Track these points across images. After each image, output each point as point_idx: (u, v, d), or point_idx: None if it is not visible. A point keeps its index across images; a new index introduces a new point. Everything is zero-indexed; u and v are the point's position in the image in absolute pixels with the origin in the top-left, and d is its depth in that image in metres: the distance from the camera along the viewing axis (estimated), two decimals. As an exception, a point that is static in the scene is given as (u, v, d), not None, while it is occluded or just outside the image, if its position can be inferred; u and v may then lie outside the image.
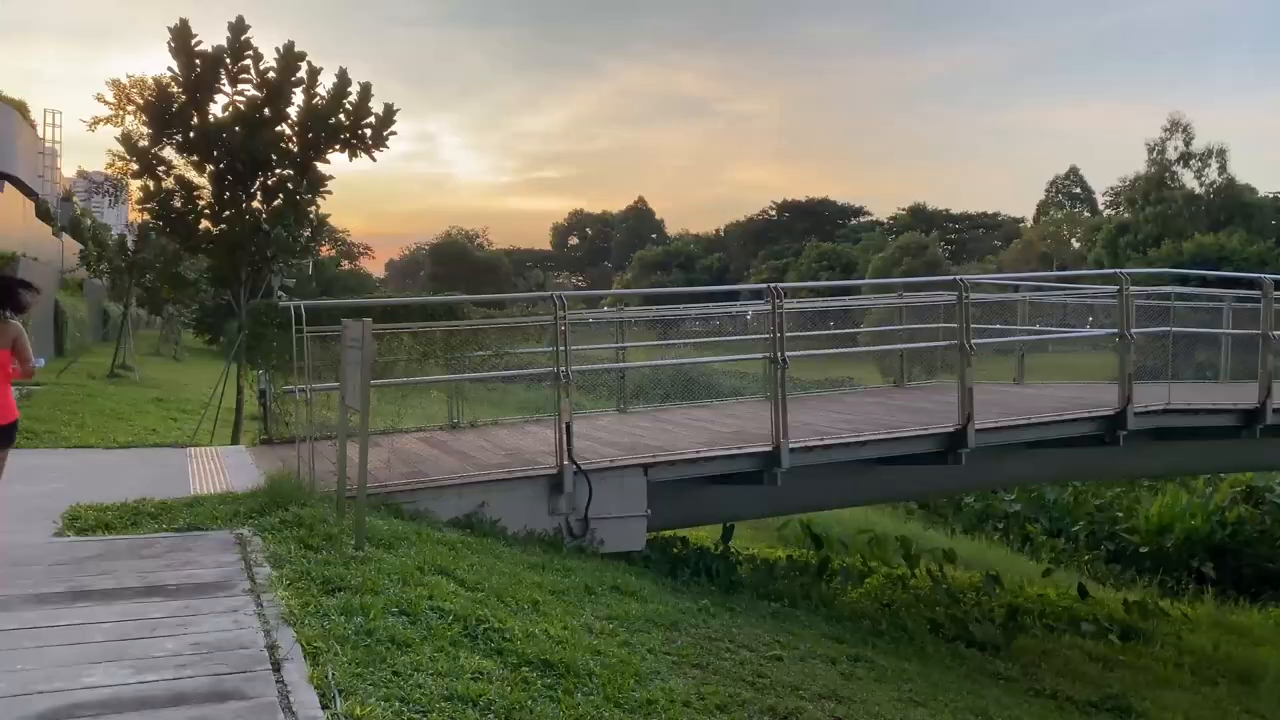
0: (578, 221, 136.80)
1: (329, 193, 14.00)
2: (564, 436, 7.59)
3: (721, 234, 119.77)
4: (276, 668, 3.78)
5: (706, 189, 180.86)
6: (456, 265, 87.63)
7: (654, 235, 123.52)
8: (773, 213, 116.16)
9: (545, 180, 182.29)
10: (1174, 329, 12.53)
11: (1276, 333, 11.97)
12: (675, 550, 9.12)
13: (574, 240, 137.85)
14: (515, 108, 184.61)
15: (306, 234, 14.25)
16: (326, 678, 3.63)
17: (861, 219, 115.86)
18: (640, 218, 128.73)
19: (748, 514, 11.16)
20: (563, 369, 7.70)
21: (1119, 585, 15.84)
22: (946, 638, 8.94)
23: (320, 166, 13.76)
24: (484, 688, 3.84)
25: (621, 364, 12.01)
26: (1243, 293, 14.15)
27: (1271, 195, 74.22)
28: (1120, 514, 19.60)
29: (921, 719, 4.90)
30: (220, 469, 8.62)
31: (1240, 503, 19.25)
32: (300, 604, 4.45)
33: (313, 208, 13.96)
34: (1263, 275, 12.97)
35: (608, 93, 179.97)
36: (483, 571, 5.68)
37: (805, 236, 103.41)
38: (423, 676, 3.83)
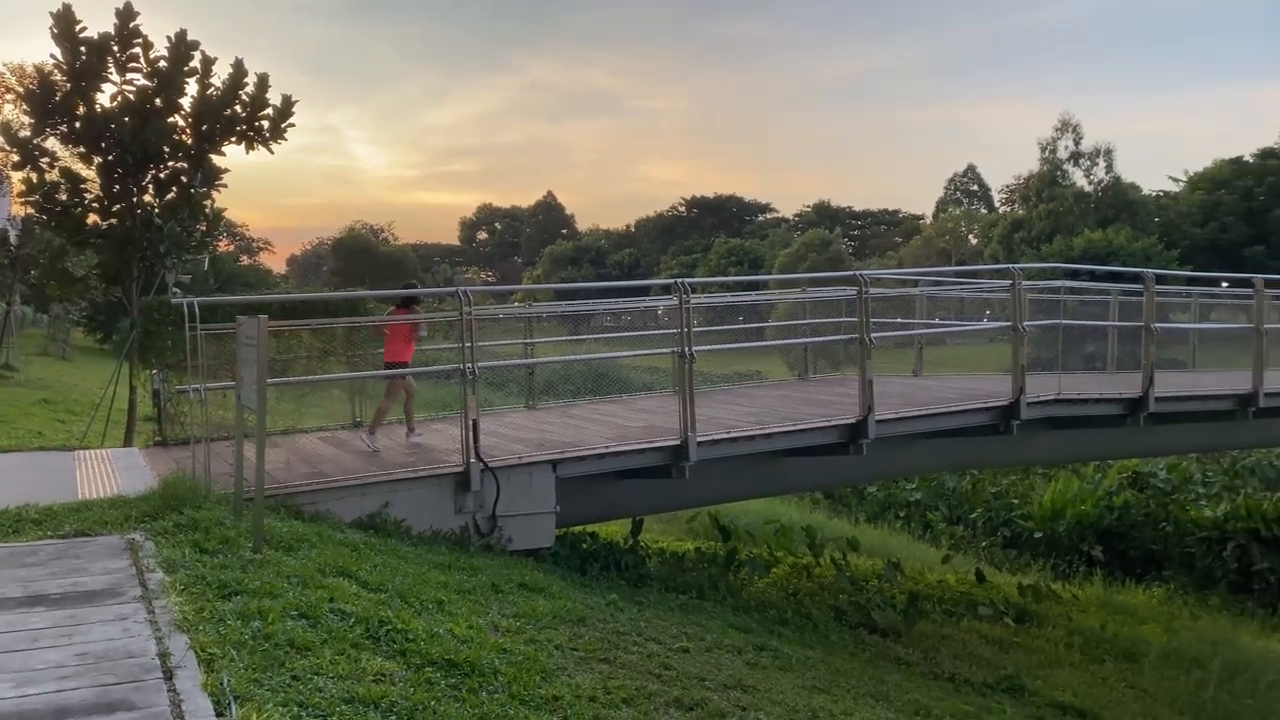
0: (486, 216, 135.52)
1: (225, 186, 13.61)
2: (470, 434, 7.52)
3: (632, 229, 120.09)
4: (168, 676, 3.66)
5: (617, 184, 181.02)
6: (361, 260, 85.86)
7: (564, 230, 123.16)
8: (682, 209, 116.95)
9: (453, 174, 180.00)
10: (1064, 322, 13.02)
11: (1158, 325, 12.54)
12: (585, 546, 9.12)
13: (483, 235, 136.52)
14: (421, 101, 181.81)
15: (201, 228, 13.81)
16: (221, 684, 3.53)
17: (768, 215, 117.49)
18: (550, 212, 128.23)
19: (657, 508, 11.22)
20: (469, 365, 7.62)
21: (1014, 569, 16.41)
22: (850, 625, 9.14)
23: (215, 159, 13.35)
24: (386, 689, 3.78)
25: (530, 360, 11.94)
26: (1128, 287, 14.76)
27: (1155, 193, 77.73)
28: (1016, 501, 20.31)
29: (824, 705, 5.00)
30: (111, 472, 8.30)
31: (1127, 488, 20.17)
32: (195, 609, 4.32)
33: (208, 201, 13.53)
34: (1145, 270, 13.57)
35: (516, 87, 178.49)
36: (386, 572, 5.60)
37: (714, 232, 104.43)
38: (323, 680, 3.75)
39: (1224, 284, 25.46)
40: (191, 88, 13.00)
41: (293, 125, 13.48)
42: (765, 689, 5.06)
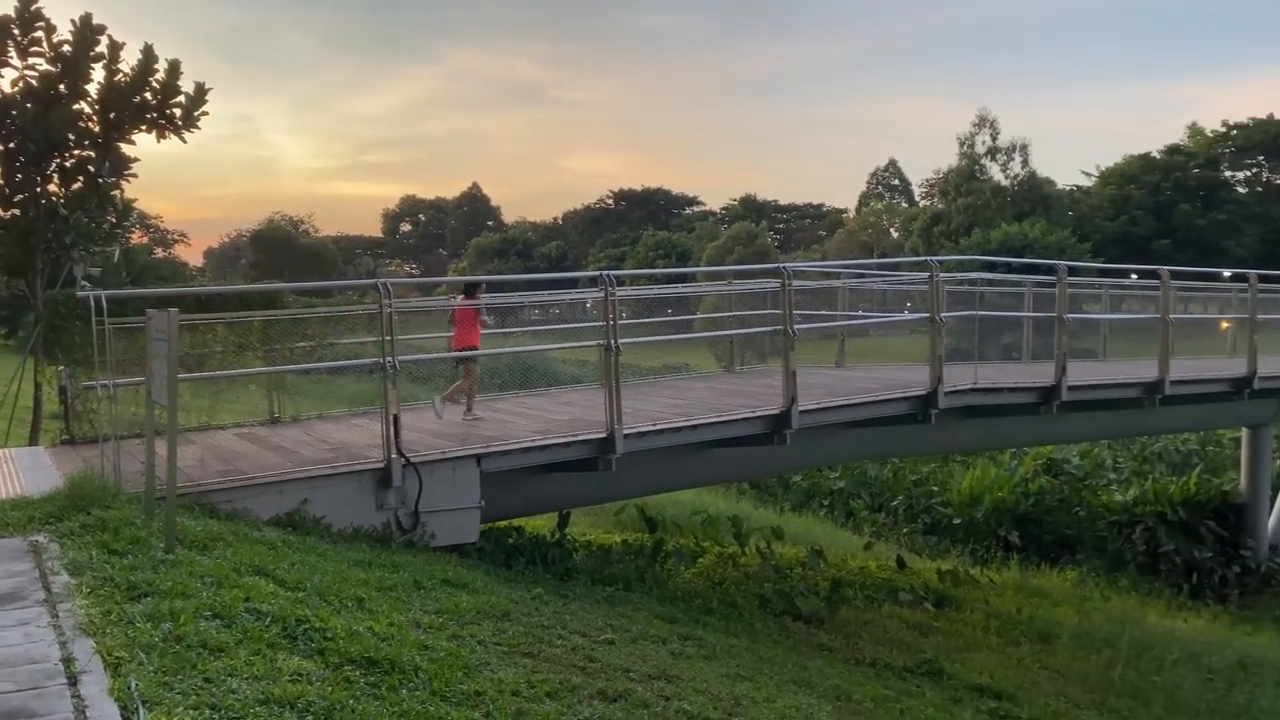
0: (410, 208, 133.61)
1: (135, 176, 13.15)
2: (391, 429, 7.41)
3: (560, 221, 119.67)
4: (73, 682, 3.54)
5: (543, 176, 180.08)
6: (280, 253, 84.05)
7: (490, 222, 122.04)
8: (610, 201, 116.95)
9: (375, 165, 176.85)
10: (980, 313, 13.34)
11: (1070, 316, 12.93)
12: (511, 540, 9.06)
13: (406, 227, 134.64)
14: (342, 89, 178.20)
15: (111, 220, 13.34)
16: (129, 689, 3.42)
17: (696, 209, 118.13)
18: (475, 204, 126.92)
19: (584, 501, 11.21)
20: (389, 359, 7.50)
21: (934, 555, 16.79)
22: (774, 612, 9.25)
23: (125, 148, 12.89)
24: (303, 689, 3.71)
25: (454, 353, 11.79)
26: (1042, 279, 15.17)
27: (1069, 188, 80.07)
28: (935, 488, 20.78)
29: (747, 693, 5.05)
30: (14, 472, 7.98)
31: (1041, 474, 20.77)
32: (102, 613, 4.18)
33: (116, 191, 13.08)
34: (1058, 262, 13.97)
35: (440, 76, 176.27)
36: (305, 570, 5.49)
37: (642, 225, 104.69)
38: (237, 681, 3.66)
39: (1133, 276, 26.29)
40: (98, 74, 12.53)
41: (206, 114, 13.09)
42: (689, 678, 5.08)
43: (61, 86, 12.35)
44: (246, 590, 4.74)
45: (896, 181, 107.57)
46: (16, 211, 12.50)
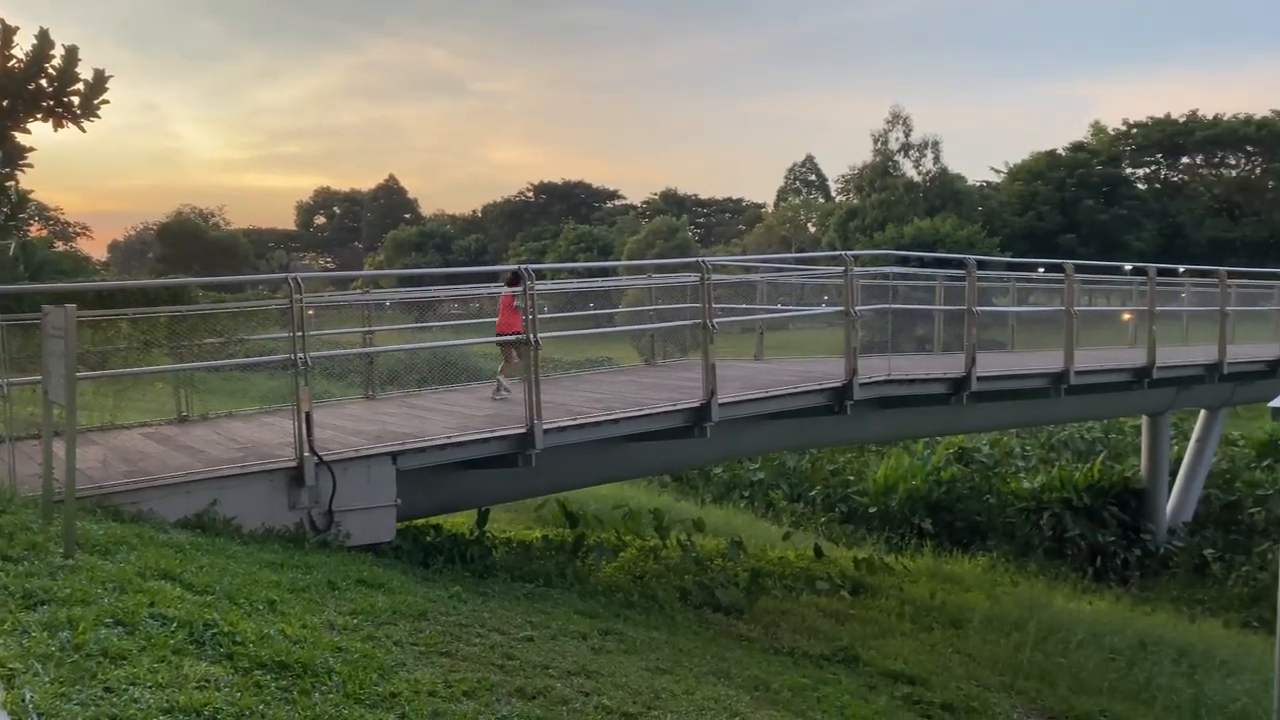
0: (324, 200, 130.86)
1: (30, 166, 12.65)
2: (303, 426, 7.25)
3: (479, 214, 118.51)
4: (-38, 696, 3.38)
5: (462, 168, 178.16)
6: (189, 246, 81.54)
7: (407, 215, 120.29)
8: (530, 194, 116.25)
9: (288, 156, 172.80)
10: (893, 306, 13.61)
11: (980, 308, 13.27)
12: (428, 539, 8.95)
13: (321, 219, 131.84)
14: (252, 79, 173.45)
15: (4, 211, 12.80)
16: (23, 701, 3.28)
17: (617, 202, 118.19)
18: (392, 196, 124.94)
19: (504, 497, 11.14)
20: (300, 355, 7.33)
21: (851, 544, 17.10)
22: (694, 604, 9.31)
23: (19, 137, 12.40)
24: (210, 696, 3.60)
25: (369, 348, 11.62)
26: (953, 272, 15.53)
27: (979, 184, 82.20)
28: (852, 478, 21.18)
29: (666, 686, 5.07)
30: (-100, 477, 7.59)
31: (953, 463, 21.32)
32: (-6, 623, 4.00)
33: (11, 182, 12.56)
34: (968, 256, 14.31)
35: (353, 66, 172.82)
36: (214, 573, 5.34)
37: (563, 218, 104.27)
38: (139, 690, 3.54)
39: (1040, 270, 27.15)
40: (-10, 59, 12.03)
41: (107, 102, 12.67)
42: (609, 673, 5.08)
43: (-51, 72, 11.82)
44: (151, 595, 4.59)
45: (813, 177, 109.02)
46: (-98, 202, 11.93)
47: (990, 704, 7.11)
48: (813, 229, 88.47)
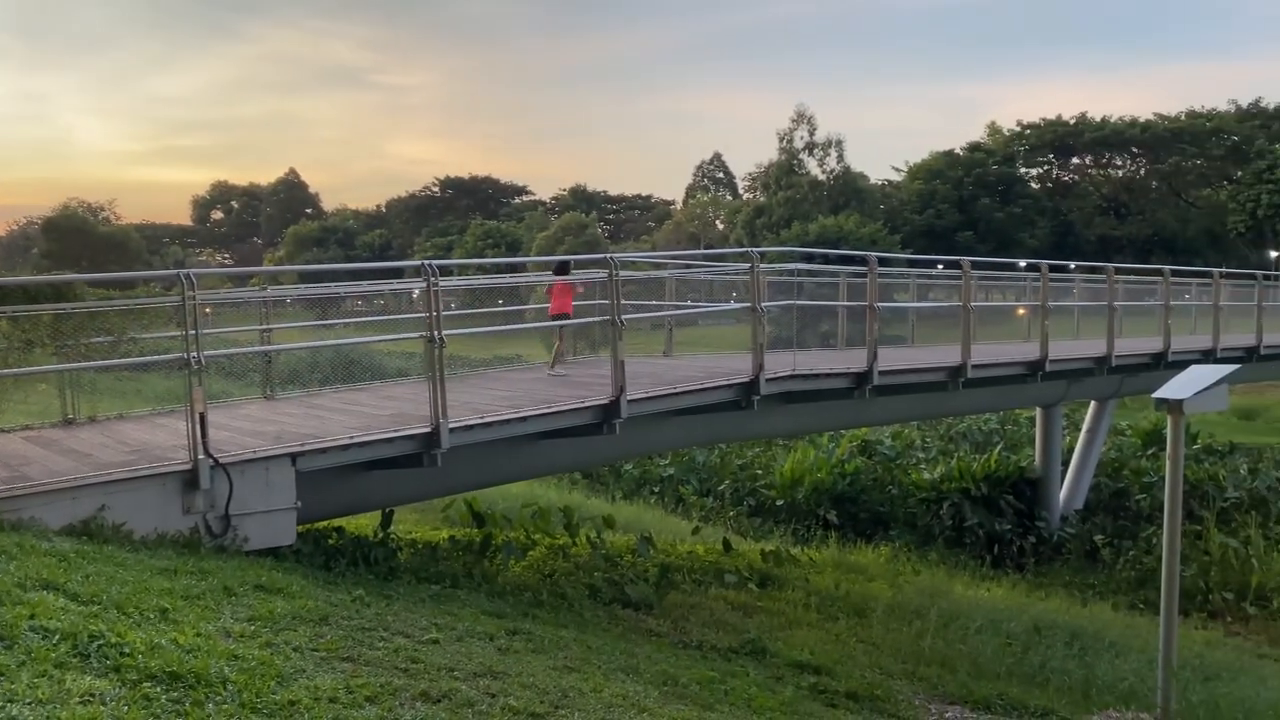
0: (222, 194, 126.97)
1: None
2: (198, 428, 7.00)
3: (383, 209, 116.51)
4: None
5: (365, 162, 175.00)
6: (77, 241, 78.10)
7: (309, 210, 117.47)
8: (436, 189, 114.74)
9: (184, 149, 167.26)
10: (798, 302, 13.81)
11: (881, 304, 13.56)
12: (331, 541, 8.74)
13: (218, 214, 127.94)
14: (144, 68, 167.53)
15: None
16: (-113, 725, 3.09)
17: (525, 198, 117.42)
18: (293, 191, 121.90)
19: (410, 497, 10.94)
20: (194, 354, 7.08)
21: (759, 537, 17.31)
22: (604, 601, 9.29)
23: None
24: (95, 711, 3.44)
25: (267, 346, 11.30)
26: (856, 269, 15.84)
27: (881, 182, 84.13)
28: (760, 472, 21.46)
29: (574, 684, 5.04)
30: None
31: (857, 455, 21.78)
32: None
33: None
34: (869, 254, 14.61)
35: (252, 57, 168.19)
36: (101, 582, 5.12)
37: (469, 214, 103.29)
38: (18, 707, 3.36)
39: (939, 266, 27.87)
40: None
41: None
42: (516, 673, 5.03)
43: None
44: (31, 607, 4.37)
45: (721, 175, 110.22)
46: None
47: (893, 691, 7.26)
48: (721, 226, 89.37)
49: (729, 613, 9.72)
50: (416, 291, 15.90)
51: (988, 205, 75.68)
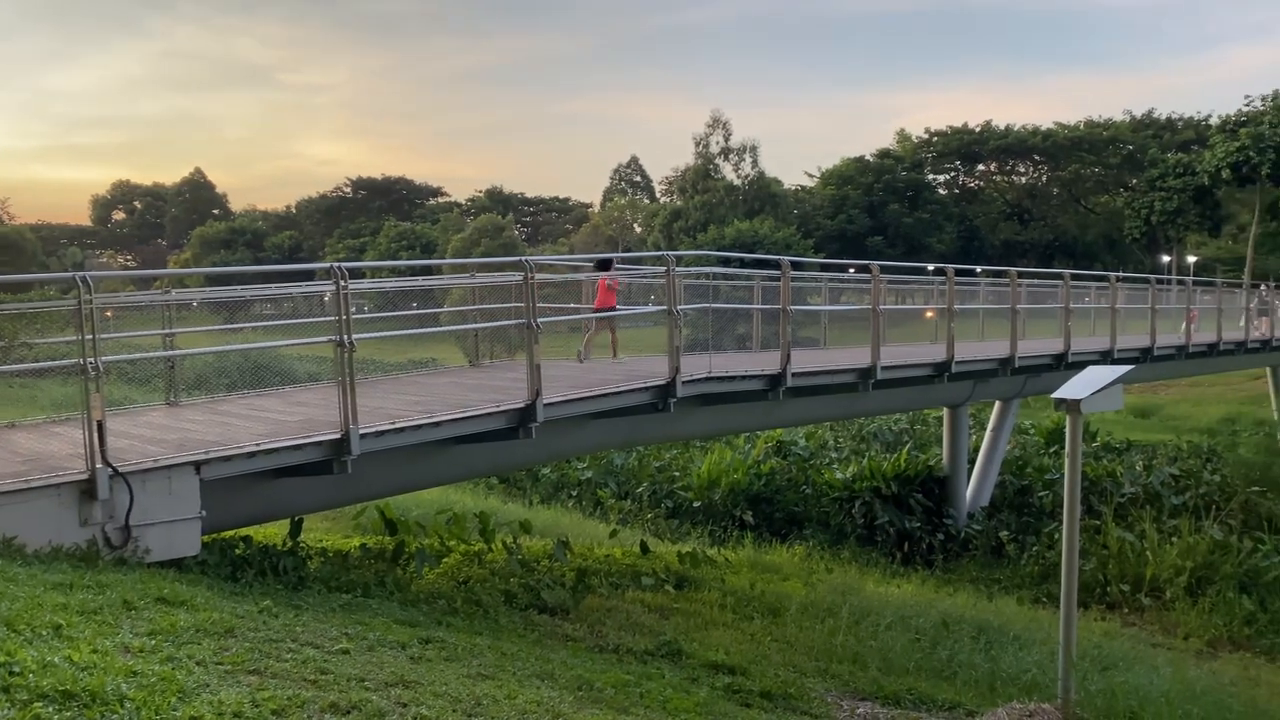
0: (124, 194, 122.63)
1: None
2: (95, 436, 6.75)
3: (293, 210, 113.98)
4: None
5: (274, 162, 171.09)
6: (-34, 242, 74.69)
7: (216, 211, 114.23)
8: (348, 190, 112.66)
9: (83, 147, 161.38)
10: (713, 305, 13.93)
11: (794, 307, 13.76)
12: (238, 551, 8.50)
13: (120, 215, 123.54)
14: (39, 63, 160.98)
15: None
16: None
17: (440, 199, 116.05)
18: (199, 191, 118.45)
19: (320, 505, 10.71)
20: (91, 360, 6.82)
21: (676, 538, 17.40)
22: (520, 607, 9.23)
23: None
24: (-20, 736, 3.30)
25: (171, 351, 10.95)
26: (770, 272, 16.04)
27: (794, 187, 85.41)
28: (677, 473, 21.56)
29: (488, 692, 4.99)
30: None
31: (772, 456, 22.07)
32: None
33: None
34: (782, 257, 14.82)
35: (155, 54, 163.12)
36: (-11, 599, 4.89)
37: (382, 215, 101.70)
38: (-104, 735, 3.20)
39: (850, 270, 28.43)
40: None
41: None
42: (429, 682, 4.97)
43: None
44: (-88, 627, 4.16)
45: (638, 178, 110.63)
46: None
47: (806, 689, 7.37)
48: (639, 229, 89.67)
49: (646, 615, 9.75)
50: (328, 294, 15.62)
51: (897, 210, 77.48)
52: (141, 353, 12.01)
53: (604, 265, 14.71)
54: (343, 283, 8.25)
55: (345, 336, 8.25)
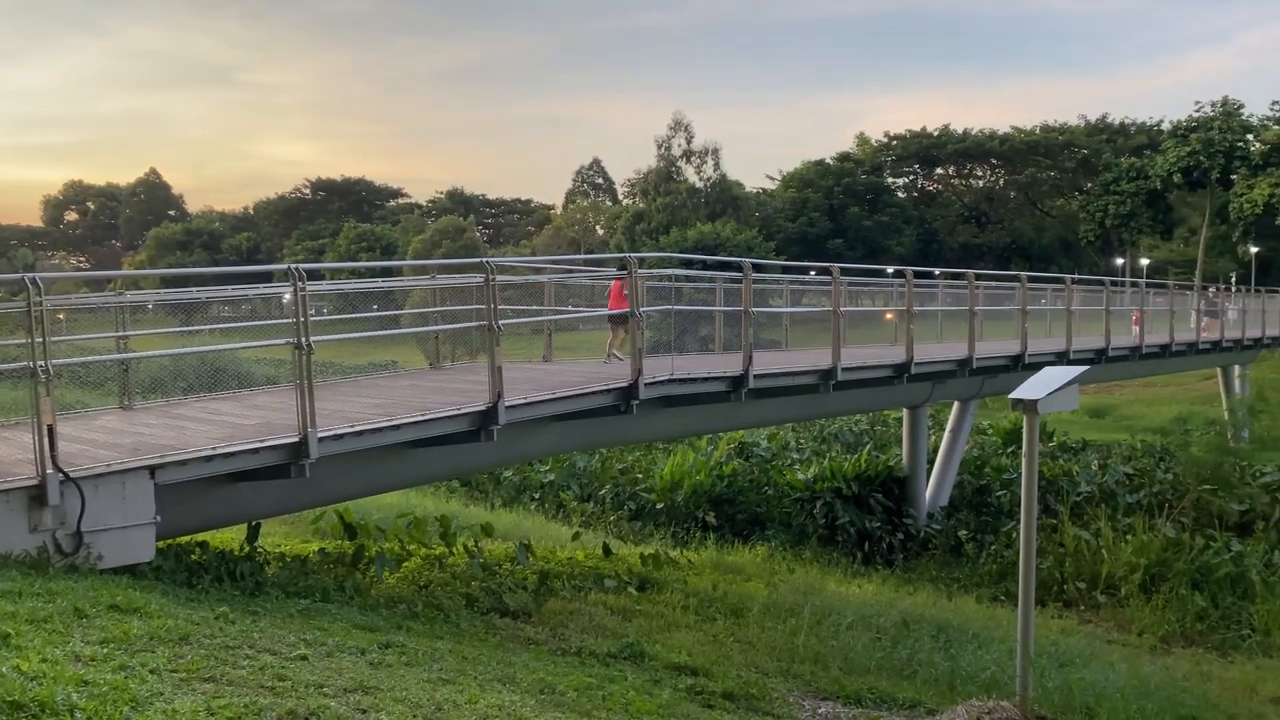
0: (77, 194, 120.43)
1: None
2: (45, 440, 6.61)
3: (251, 212, 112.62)
4: None
5: (232, 163, 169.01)
6: (-88, 242, 72.97)
7: (172, 212, 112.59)
8: (307, 191, 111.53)
9: (34, 146, 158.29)
10: (675, 307, 13.96)
11: (755, 309, 13.82)
12: (194, 556, 8.38)
13: (72, 215, 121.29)
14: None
15: None
16: None
17: (400, 200, 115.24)
18: (154, 192, 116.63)
19: (278, 510, 10.57)
20: (41, 363, 6.68)
21: (639, 540, 17.39)
22: (481, 611, 9.17)
23: None
24: (-76, 749, 3.21)
25: (125, 354, 10.76)
26: (732, 275, 16.10)
27: (756, 190, 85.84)
28: (640, 475, 21.56)
29: (449, 696, 4.95)
30: None
31: (735, 457, 22.15)
32: None
33: None
34: (744, 260, 14.88)
35: (111, 52, 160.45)
36: (-67, 609, 4.77)
37: (342, 217, 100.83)
38: None
39: (811, 272, 28.59)
40: None
41: None
42: (389, 688, 4.92)
43: None
44: None
45: (600, 180, 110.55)
46: None
47: (768, 689, 7.39)
48: (601, 231, 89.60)
49: (608, 617, 9.72)
50: (286, 296, 15.44)
51: (857, 213, 78.16)
52: (94, 355, 11.81)
53: (623, 268, 14.58)
54: (301, 284, 8.15)
55: (303, 339, 8.15)
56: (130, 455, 7.45)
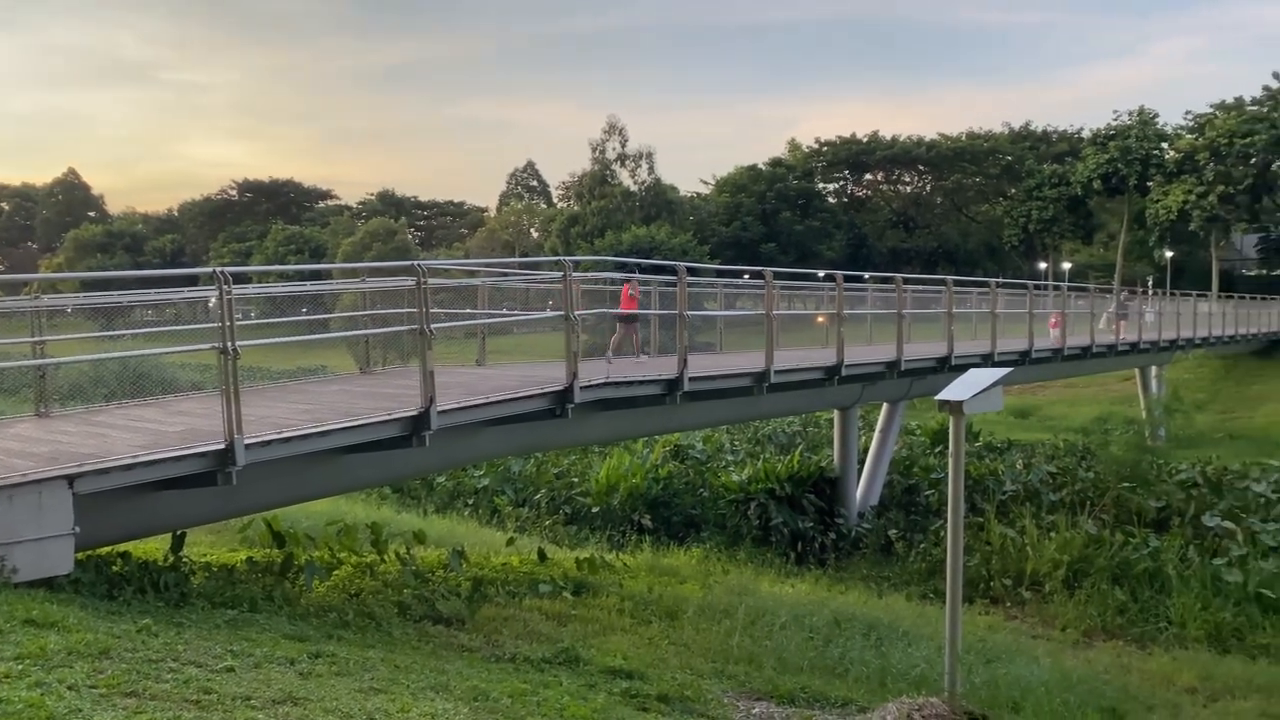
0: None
1: None
2: (-44, 450, 6.36)
3: (175, 214, 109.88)
4: None
5: (155, 163, 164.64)
6: None
7: (92, 213, 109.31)
8: (234, 192, 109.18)
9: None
10: (612, 311, 13.98)
11: (690, 313, 13.90)
12: (115, 568, 8.14)
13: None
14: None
15: None
16: None
17: (330, 202, 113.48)
18: (73, 192, 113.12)
19: (204, 518, 10.31)
20: (-49, 370, 6.44)
21: (575, 545, 17.33)
22: (414, 619, 9.06)
23: None
24: None
25: (41, 360, 10.42)
26: (667, 278, 16.16)
27: (690, 194, 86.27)
28: (576, 479, 21.51)
29: (381, 706, 4.88)
30: None
31: (670, 460, 22.22)
32: None
33: None
34: (679, 263, 14.96)
35: (27, 47, 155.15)
36: None
37: (270, 219, 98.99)
38: None
39: (745, 276, 28.80)
40: None
41: None
42: (318, 698, 4.83)
43: None
44: None
45: (535, 183, 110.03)
46: None
47: (703, 691, 7.42)
48: (536, 234, 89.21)
49: (543, 623, 9.68)
50: (211, 300, 15.08)
51: (789, 218, 78.95)
52: (7, 361, 11.42)
53: (626, 271, 15.82)
54: (226, 288, 7.98)
55: (229, 343, 7.98)
56: (47, 464, 7.22)
